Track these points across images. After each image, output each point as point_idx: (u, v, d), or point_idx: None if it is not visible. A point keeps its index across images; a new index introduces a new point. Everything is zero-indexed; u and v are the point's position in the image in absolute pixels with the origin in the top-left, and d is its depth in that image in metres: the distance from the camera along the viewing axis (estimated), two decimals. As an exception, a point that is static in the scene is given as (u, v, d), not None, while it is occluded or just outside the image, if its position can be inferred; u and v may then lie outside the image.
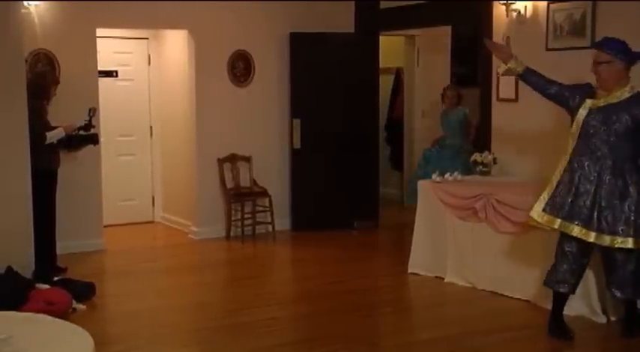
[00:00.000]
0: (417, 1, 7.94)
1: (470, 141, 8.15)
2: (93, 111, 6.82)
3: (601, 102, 4.91)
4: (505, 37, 5.64)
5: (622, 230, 4.78)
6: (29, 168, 6.11)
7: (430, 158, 8.26)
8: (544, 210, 4.99)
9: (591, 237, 4.87)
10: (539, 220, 5.02)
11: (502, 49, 5.37)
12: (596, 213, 4.85)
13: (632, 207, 4.78)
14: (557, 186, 4.98)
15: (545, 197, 5.01)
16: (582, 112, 4.95)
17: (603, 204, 4.83)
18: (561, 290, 5.08)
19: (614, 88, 4.88)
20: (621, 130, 4.82)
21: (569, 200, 4.90)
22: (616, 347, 5.03)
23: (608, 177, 4.84)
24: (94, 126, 6.84)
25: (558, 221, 4.93)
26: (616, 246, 4.82)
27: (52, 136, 6.51)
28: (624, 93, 4.85)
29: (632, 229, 4.78)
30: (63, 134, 6.59)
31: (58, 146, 6.67)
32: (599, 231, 4.84)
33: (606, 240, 4.83)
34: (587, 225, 4.88)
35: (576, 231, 4.89)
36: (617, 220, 4.79)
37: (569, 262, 5.02)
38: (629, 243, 4.79)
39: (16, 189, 6.03)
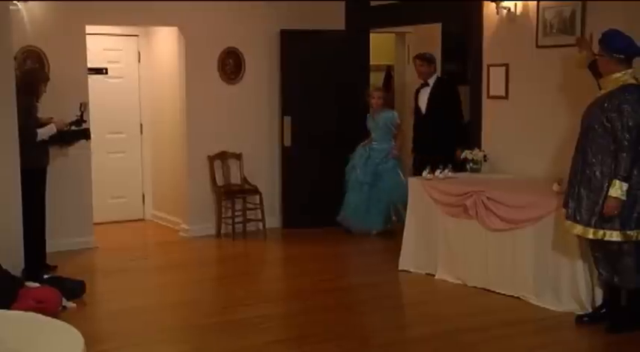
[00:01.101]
0: (407, -1, 7.95)
1: (396, 149, 7.96)
2: (84, 106, 6.80)
3: (598, 95, 5.01)
4: (590, 34, 5.89)
5: (582, 219, 4.94)
6: (18, 166, 6.07)
7: (357, 164, 8.04)
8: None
9: (574, 229, 5.04)
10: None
11: (583, 43, 5.63)
12: (575, 205, 5.00)
13: (599, 200, 4.87)
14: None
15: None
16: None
17: (581, 196, 4.96)
18: None
19: (607, 80, 4.97)
20: (593, 124, 4.92)
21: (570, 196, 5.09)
22: (605, 342, 5.05)
23: (587, 170, 4.95)
24: (85, 121, 6.83)
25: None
26: (580, 234, 5.01)
27: (44, 133, 6.47)
28: (616, 86, 4.90)
29: (594, 220, 4.90)
30: (54, 130, 6.56)
31: (50, 142, 6.63)
32: (577, 222, 4.99)
33: (580, 230, 5.00)
34: (571, 218, 5.05)
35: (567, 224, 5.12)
36: (587, 211, 4.92)
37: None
38: (589, 234, 4.94)
39: (5, 188, 5.99)
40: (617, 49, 4.91)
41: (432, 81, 7.56)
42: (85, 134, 6.87)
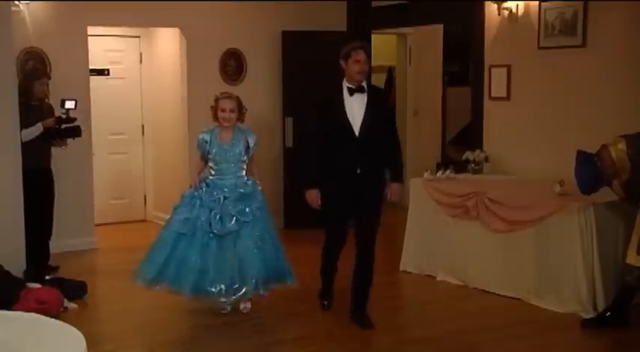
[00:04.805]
0: (408, 0, 7.95)
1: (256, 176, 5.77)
2: (65, 103, 6.43)
3: None
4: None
5: None
6: (20, 167, 6.06)
7: (194, 206, 5.62)
8: (638, 253, 5.03)
9: None
10: (638, 264, 5.03)
11: None
12: None
13: None
14: None
15: (635, 241, 5.05)
16: None
17: None
18: None
19: None
20: None
21: None
22: (607, 343, 5.05)
23: None
24: (74, 119, 6.50)
25: None
26: None
27: (28, 133, 6.27)
28: None
29: None
30: (41, 130, 6.37)
31: (45, 142, 6.56)
32: None
33: None
34: None
35: None
36: None
37: None
38: None
39: (6, 188, 6.00)
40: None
41: (365, 85, 5.37)
42: (74, 132, 6.53)
